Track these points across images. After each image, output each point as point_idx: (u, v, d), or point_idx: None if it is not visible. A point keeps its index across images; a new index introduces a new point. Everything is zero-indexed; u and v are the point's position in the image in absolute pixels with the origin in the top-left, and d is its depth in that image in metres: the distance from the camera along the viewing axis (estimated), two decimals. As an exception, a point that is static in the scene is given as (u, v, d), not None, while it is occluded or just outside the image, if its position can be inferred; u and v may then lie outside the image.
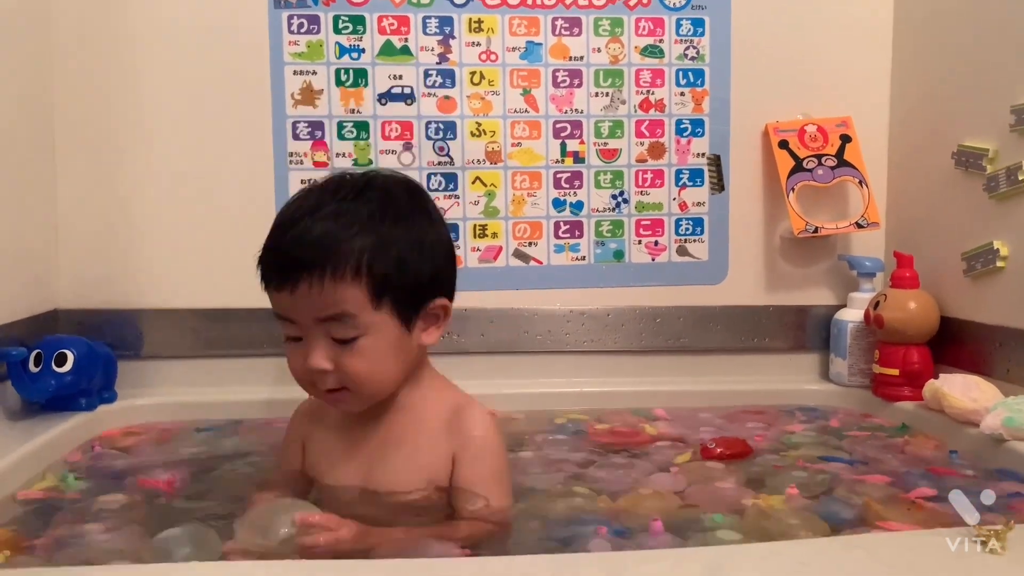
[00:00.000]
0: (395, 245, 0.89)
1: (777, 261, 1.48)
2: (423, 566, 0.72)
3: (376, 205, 0.90)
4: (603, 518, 0.89)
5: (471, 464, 0.91)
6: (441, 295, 0.93)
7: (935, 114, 1.36)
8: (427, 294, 0.92)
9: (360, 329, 0.88)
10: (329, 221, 0.88)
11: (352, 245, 0.87)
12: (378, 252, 0.87)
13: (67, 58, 1.33)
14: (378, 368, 0.90)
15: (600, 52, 1.43)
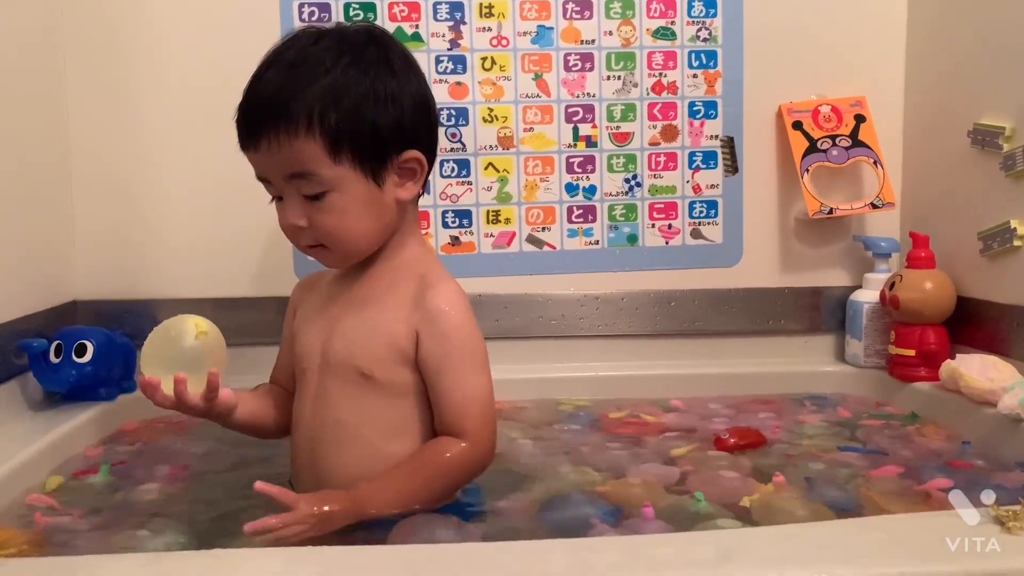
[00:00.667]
0: (347, 95, 0.87)
1: (792, 243, 1.47)
2: (434, 552, 0.72)
3: (332, 55, 0.88)
4: (593, 504, 0.90)
5: (437, 340, 0.89)
6: (412, 147, 0.91)
7: (950, 92, 1.35)
8: (392, 146, 0.89)
9: (325, 185, 0.87)
10: (284, 73, 0.88)
11: (303, 99, 0.86)
12: (329, 104, 0.86)
13: (81, 52, 1.34)
14: (350, 224, 0.89)
15: (612, 35, 1.42)
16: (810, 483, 0.96)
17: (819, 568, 0.65)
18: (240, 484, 1.00)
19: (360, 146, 0.88)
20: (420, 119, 0.92)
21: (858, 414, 1.26)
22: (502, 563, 0.68)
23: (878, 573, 0.65)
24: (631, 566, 0.67)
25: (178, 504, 0.94)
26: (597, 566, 0.67)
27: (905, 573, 0.65)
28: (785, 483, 0.95)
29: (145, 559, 0.73)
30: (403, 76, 0.91)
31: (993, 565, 0.66)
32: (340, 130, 0.86)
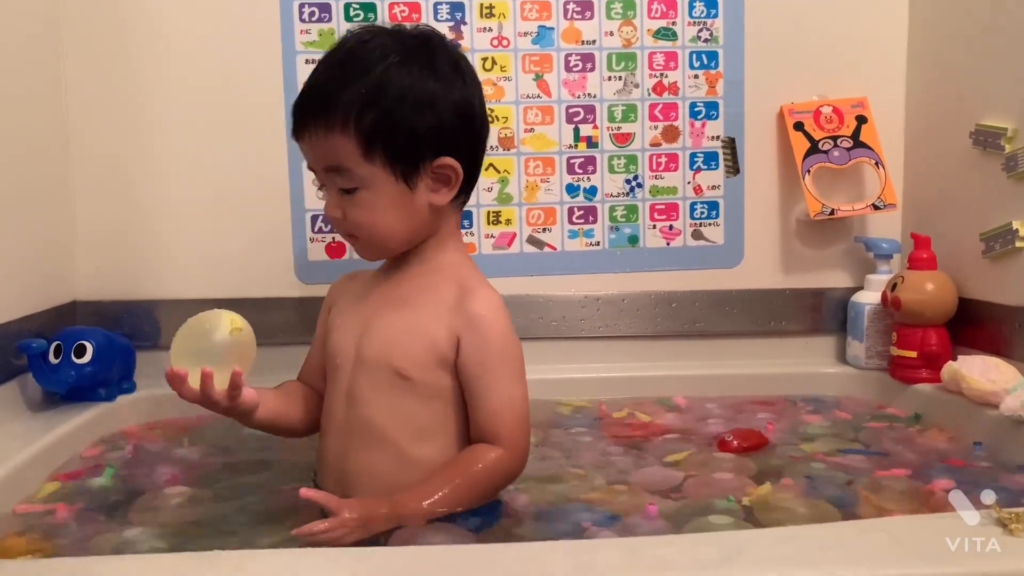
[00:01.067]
0: (385, 96, 0.88)
1: (793, 244, 1.47)
2: (434, 554, 0.72)
3: (378, 54, 0.89)
4: (590, 510, 0.89)
5: (477, 346, 0.90)
6: (447, 153, 0.91)
7: (952, 93, 1.35)
8: (427, 150, 0.90)
9: (356, 181, 0.90)
10: (331, 70, 0.91)
11: (343, 96, 0.88)
12: (366, 103, 0.87)
13: (80, 54, 1.33)
14: (379, 221, 0.91)
15: (613, 35, 1.42)
16: (811, 483, 0.96)
17: (821, 570, 0.65)
18: (240, 486, 1.00)
19: (393, 148, 0.89)
20: (460, 126, 0.92)
21: (861, 416, 1.26)
22: (503, 564, 0.68)
23: (880, 575, 0.65)
24: (633, 567, 0.67)
25: (181, 506, 0.94)
26: (599, 567, 0.67)
27: (907, 575, 0.65)
28: (788, 484, 0.95)
29: (145, 560, 0.73)
30: (447, 81, 0.91)
31: (995, 567, 0.65)
32: (374, 130, 0.88)
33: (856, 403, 1.33)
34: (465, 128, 0.93)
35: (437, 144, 0.90)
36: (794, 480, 0.97)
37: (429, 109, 0.89)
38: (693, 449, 1.11)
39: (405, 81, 0.89)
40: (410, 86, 0.89)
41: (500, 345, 0.90)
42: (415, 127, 0.89)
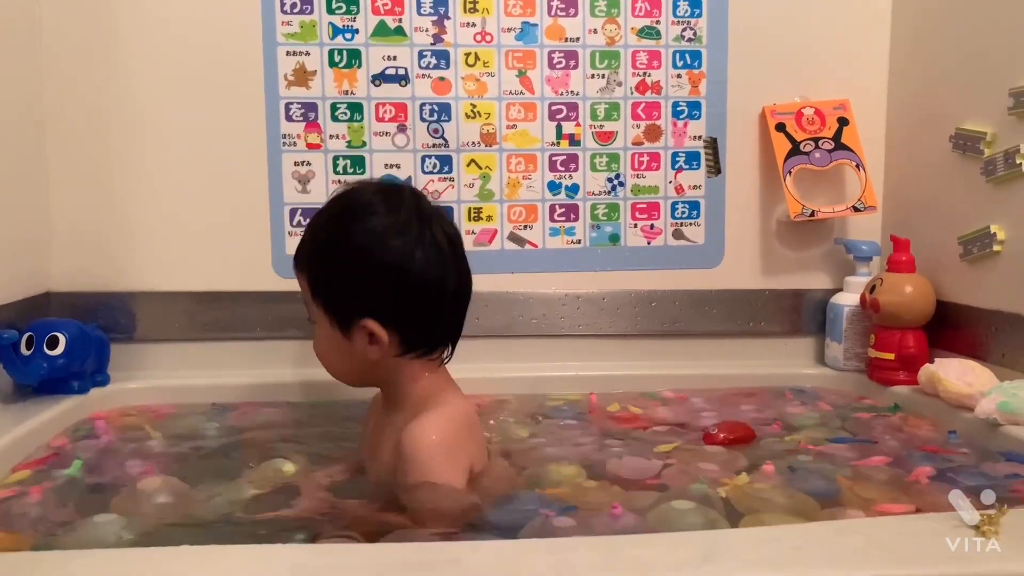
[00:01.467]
0: (323, 248, 0.96)
1: (773, 245, 1.47)
2: (410, 552, 0.71)
3: (338, 206, 0.97)
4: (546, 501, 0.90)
5: (400, 475, 0.90)
6: (373, 316, 0.92)
7: (933, 97, 1.36)
8: (351, 309, 0.93)
9: (311, 314, 0.98)
10: (314, 217, 1.00)
11: (306, 240, 0.98)
12: (312, 249, 0.97)
13: (56, 43, 1.31)
14: (324, 355, 0.99)
15: (596, 33, 1.42)
16: (793, 473, 0.96)
17: (799, 571, 0.65)
18: (213, 477, 0.99)
19: (326, 298, 0.95)
20: (384, 289, 0.93)
21: (843, 407, 1.26)
22: (482, 563, 0.67)
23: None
24: (613, 567, 0.67)
25: (148, 499, 0.93)
26: (578, 566, 0.67)
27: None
28: (770, 474, 0.95)
29: (114, 554, 0.72)
30: (388, 244, 0.92)
31: (972, 569, 0.66)
32: (315, 277, 0.96)
33: (838, 395, 1.34)
34: (390, 289, 0.93)
35: (361, 305, 0.93)
36: (777, 470, 0.97)
37: (357, 270, 0.93)
38: (680, 441, 1.11)
39: (340, 237, 0.94)
40: (347, 248, 0.93)
41: (416, 478, 0.88)
42: (343, 287, 0.94)
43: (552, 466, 1.01)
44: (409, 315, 0.94)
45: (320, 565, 0.67)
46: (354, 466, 1.04)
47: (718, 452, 1.06)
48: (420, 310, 0.95)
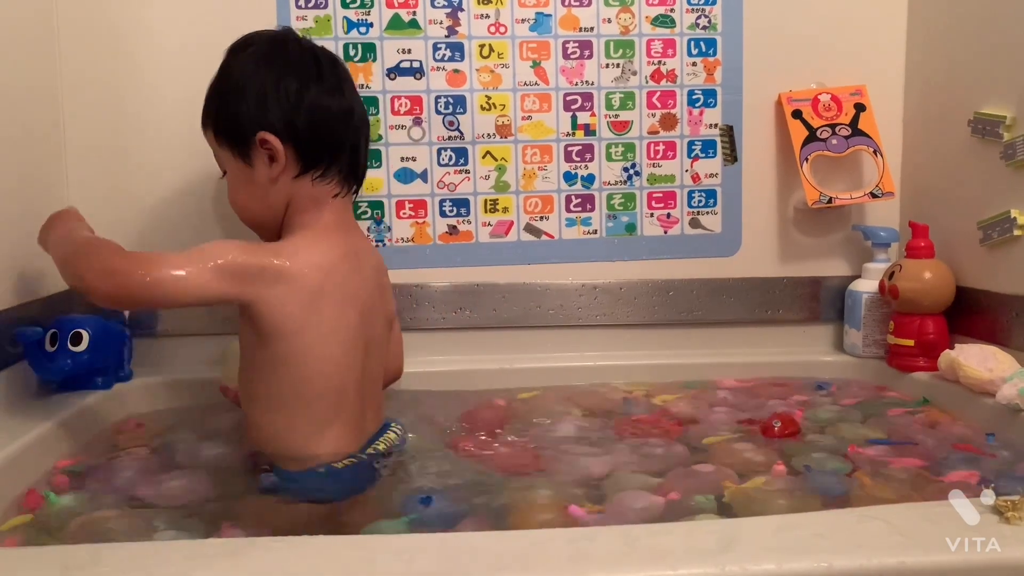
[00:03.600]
0: (217, 92, 1.06)
1: (791, 232, 1.47)
2: (429, 541, 0.72)
3: (224, 58, 1.07)
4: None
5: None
6: (262, 128, 1.02)
7: (951, 81, 1.35)
8: (247, 128, 1.02)
9: (221, 164, 1.08)
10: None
11: (205, 98, 1.07)
12: (210, 101, 1.06)
13: (75, 49, 1.32)
14: (235, 197, 1.08)
15: (610, 23, 1.41)
16: (809, 473, 0.96)
17: (818, 558, 0.65)
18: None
19: (224, 127, 1.04)
20: (274, 100, 1.02)
21: (871, 402, 1.24)
22: (500, 552, 0.68)
23: (877, 563, 0.65)
24: (630, 555, 0.67)
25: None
26: (597, 555, 0.67)
27: (905, 563, 0.65)
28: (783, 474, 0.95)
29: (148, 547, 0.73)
30: (265, 59, 1.04)
31: (995, 555, 0.65)
32: (213, 116, 1.05)
33: (859, 387, 1.33)
34: (287, 103, 1.02)
35: (255, 120, 1.02)
36: (791, 470, 0.96)
37: (247, 89, 1.03)
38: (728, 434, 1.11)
39: (234, 69, 1.05)
40: (235, 71, 1.05)
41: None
42: (238, 106, 1.03)
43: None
44: (301, 127, 1.03)
45: (335, 557, 0.68)
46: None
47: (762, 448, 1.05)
48: (311, 122, 1.03)
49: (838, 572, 0.64)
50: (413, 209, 1.41)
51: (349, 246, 1.07)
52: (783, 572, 0.64)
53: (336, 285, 1.01)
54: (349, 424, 1.04)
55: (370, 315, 1.08)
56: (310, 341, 0.99)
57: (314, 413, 1.01)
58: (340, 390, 1.02)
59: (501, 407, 1.27)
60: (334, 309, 1.01)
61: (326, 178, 1.05)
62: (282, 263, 0.98)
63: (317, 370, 1.00)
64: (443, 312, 1.41)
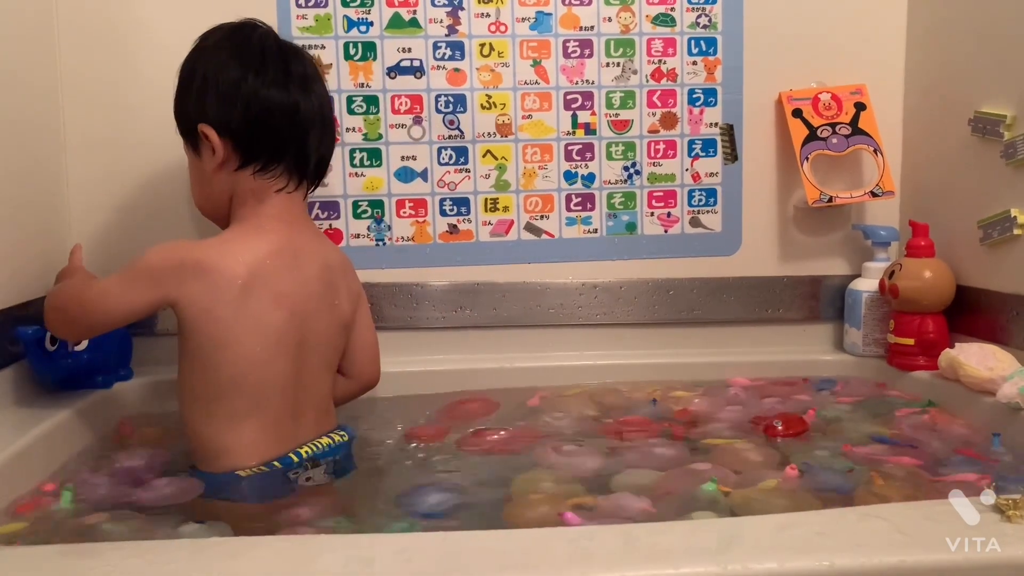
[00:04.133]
0: (178, 86, 1.09)
1: (791, 231, 1.47)
2: (429, 541, 0.72)
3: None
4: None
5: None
6: (203, 121, 1.04)
7: (951, 80, 1.35)
8: (191, 119, 1.06)
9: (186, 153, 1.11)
10: None
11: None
12: (175, 97, 1.10)
13: (75, 52, 1.32)
14: (192, 187, 1.12)
15: (611, 21, 1.41)
16: (811, 472, 0.95)
17: (819, 556, 0.65)
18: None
19: (178, 121, 1.09)
20: (216, 95, 1.04)
21: (875, 401, 1.24)
22: (500, 552, 0.68)
23: (878, 562, 0.65)
24: (630, 554, 0.67)
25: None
26: (597, 554, 0.67)
27: (906, 562, 0.65)
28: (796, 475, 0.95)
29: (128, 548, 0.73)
30: (206, 55, 1.07)
31: (996, 554, 0.65)
32: (175, 111, 1.10)
33: (859, 383, 1.33)
34: (227, 99, 1.04)
35: (198, 113, 1.05)
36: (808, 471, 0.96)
37: (192, 81, 1.06)
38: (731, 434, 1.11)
39: (187, 60, 1.09)
40: (186, 63, 1.08)
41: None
42: (187, 99, 1.07)
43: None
44: (236, 121, 1.04)
45: (341, 555, 0.68)
46: None
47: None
48: (246, 116, 1.04)
49: (840, 571, 0.64)
50: (413, 208, 1.41)
51: (287, 242, 1.05)
52: (785, 571, 0.64)
53: (261, 281, 1.00)
54: (267, 427, 1.02)
55: (307, 315, 1.05)
56: (225, 336, 0.98)
57: (227, 411, 1.00)
58: (257, 390, 1.00)
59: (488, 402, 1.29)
60: (257, 305, 0.99)
61: (267, 172, 1.06)
62: (201, 256, 0.99)
63: (232, 366, 0.99)
64: (443, 311, 1.41)
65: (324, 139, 1.11)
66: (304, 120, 1.07)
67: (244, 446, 1.00)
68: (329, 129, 1.13)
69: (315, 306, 1.07)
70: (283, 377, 1.03)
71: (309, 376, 1.07)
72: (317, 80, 1.11)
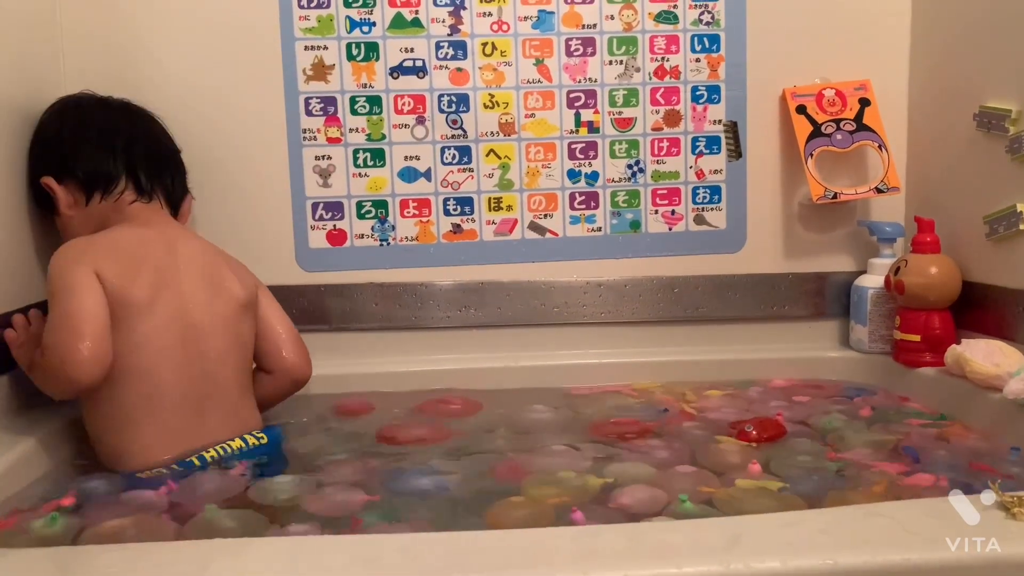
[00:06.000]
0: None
1: (796, 228, 1.46)
2: (435, 540, 0.72)
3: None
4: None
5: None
6: (39, 175, 1.14)
7: (956, 75, 1.34)
8: (34, 182, 1.15)
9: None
10: None
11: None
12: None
13: (78, 51, 1.32)
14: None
15: (613, 19, 1.41)
16: (791, 476, 0.95)
17: (824, 554, 0.65)
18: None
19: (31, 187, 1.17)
20: (44, 148, 1.16)
21: (886, 411, 1.21)
22: (504, 550, 0.68)
23: (883, 560, 0.64)
24: (636, 552, 0.67)
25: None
26: (603, 552, 0.67)
27: (911, 560, 0.65)
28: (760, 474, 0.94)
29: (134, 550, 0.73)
30: (58, 113, 1.18)
31: (1002, 550, 0.65)
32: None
33: (883, 394, 1.30)
34: (46, 150, 1.16)
35: (35, 173, 1.15)
36: (778, 472, 0.96)
37: (38, 136, 1.17)
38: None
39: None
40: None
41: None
42: (30, 171, 1.17)
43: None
44: (71, 158, 1.13)
45: (345, 552, 0.68)
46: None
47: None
48: (79, 151, 1.14)
49: (843, 569, 0.64)
50: (417, 208, 1.41)
51: (157, 233, 1.11)
52: (788, 569, 0.64)
53: (128, 259, 1.05)
54: (164, 425, 1.03)
55: (185, 296, 1.08)
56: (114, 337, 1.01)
57: (120, 407, 1.02)
58: (147, 380, 1.02)
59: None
60: (127, 286, 1.03)
61: (111, 191, 1.14)
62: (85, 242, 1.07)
63: (119, 364, 1.00)
64: (447, 311, 1.41)
65: (145, 151, 1.19)
66: (136, 140, 1.18)
67: (138, 448, 1.01)
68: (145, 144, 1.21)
69: (195, 285, 1.09)
70: (173, 363, 1.04)
71: (210, 365, 1.08)
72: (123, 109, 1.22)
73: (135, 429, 1.01)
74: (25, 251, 1.17)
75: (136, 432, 1.01)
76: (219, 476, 0.98)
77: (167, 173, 1.20)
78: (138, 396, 1.02)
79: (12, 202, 1.15)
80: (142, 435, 1.01)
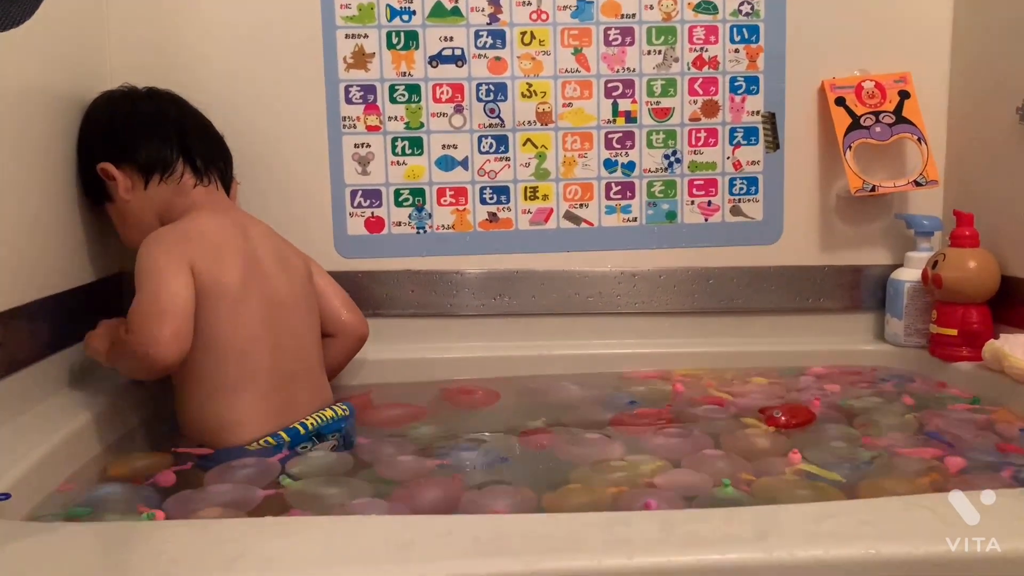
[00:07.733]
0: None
1: (833, 220, 1.46)
2: (460, 523, 0.73)
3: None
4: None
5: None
6: (97, 161, 1.15)
7: (998, 67, 1.32)
8: (89, 167, 1.17)
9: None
10: None
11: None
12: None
13: (124, 51, 1.34)
14: (120, 234, 1.22)
15: (652, 9, 1.41)
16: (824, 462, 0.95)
17: (862, 545, 0.65)
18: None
19: (83, 181, 1.20)
20: (100, 134, 1.18)
21: (923, 397, 1.21)
22: (537, 536, 0.68)
23: (924, 551, 0.65)
24: (667, 541, 0.67)
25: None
26: (635, 541, 0.67)
27: (951, 551, 0.65)
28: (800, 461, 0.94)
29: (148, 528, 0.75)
30: (112, 103, 1.21)
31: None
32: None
33: (921, 380, 1.30)
34: (99, 136, 1.18)
35: (91, 159, 1.17)
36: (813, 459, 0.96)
37: (90, 125, 1.19)
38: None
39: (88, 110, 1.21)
40: (88, 112, 1.21)
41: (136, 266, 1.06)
42: (80, 157, 1.19)
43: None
44: (128, 144, 1.15)
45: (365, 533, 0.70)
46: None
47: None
48: (135, 136, 1.15)
49: (885, 559, 0.64)
50: (454, 196, 1.42)
51: (228, 217, 1.16)
52: (830, 557, 0.64)
53: (213, 246, 1.09)
54: (262, 398, 1.07)
55: (265, 276, 1.13)
56: (201, 310, 1.05)
57: (218, 384, 1.06)
58: (239, 356, 1.07)
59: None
60: (216, 268, 1.07)
61: (170, 173, 1.16)
62: (180, 232, 1.10)
63: (210, 336, 1.05)
64: (482, 299, 1.43)
65: (195, 135, 1.22)
66: (186, 124, 1.21)
67: (244, 420, 1.06)
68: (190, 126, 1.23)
69: (273, 267, 1.15)
70: (269, 343, 1.09)
71: (297, 341, 1.14)
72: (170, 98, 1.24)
73: (240, 406, 1.06)
74: (78, 236, 1.20)
75: (240, 408, 1.06)
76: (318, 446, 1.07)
77: (219, 158, 1.23)
78: (240, 375, 1.07)
79: (68, 193, 1.18)
80: (246, 411, 1.06)
